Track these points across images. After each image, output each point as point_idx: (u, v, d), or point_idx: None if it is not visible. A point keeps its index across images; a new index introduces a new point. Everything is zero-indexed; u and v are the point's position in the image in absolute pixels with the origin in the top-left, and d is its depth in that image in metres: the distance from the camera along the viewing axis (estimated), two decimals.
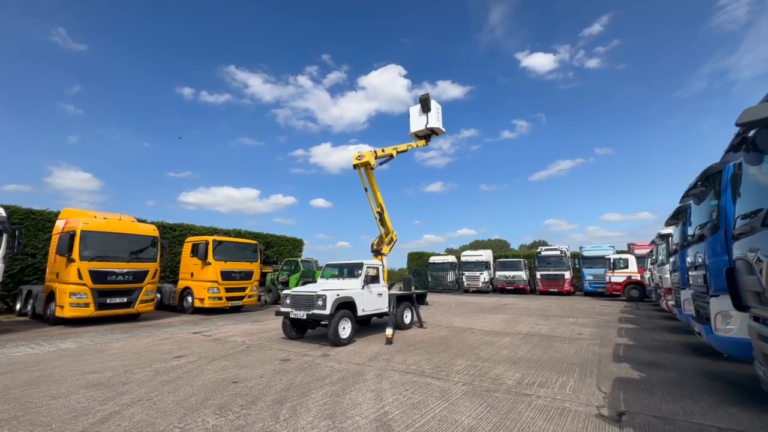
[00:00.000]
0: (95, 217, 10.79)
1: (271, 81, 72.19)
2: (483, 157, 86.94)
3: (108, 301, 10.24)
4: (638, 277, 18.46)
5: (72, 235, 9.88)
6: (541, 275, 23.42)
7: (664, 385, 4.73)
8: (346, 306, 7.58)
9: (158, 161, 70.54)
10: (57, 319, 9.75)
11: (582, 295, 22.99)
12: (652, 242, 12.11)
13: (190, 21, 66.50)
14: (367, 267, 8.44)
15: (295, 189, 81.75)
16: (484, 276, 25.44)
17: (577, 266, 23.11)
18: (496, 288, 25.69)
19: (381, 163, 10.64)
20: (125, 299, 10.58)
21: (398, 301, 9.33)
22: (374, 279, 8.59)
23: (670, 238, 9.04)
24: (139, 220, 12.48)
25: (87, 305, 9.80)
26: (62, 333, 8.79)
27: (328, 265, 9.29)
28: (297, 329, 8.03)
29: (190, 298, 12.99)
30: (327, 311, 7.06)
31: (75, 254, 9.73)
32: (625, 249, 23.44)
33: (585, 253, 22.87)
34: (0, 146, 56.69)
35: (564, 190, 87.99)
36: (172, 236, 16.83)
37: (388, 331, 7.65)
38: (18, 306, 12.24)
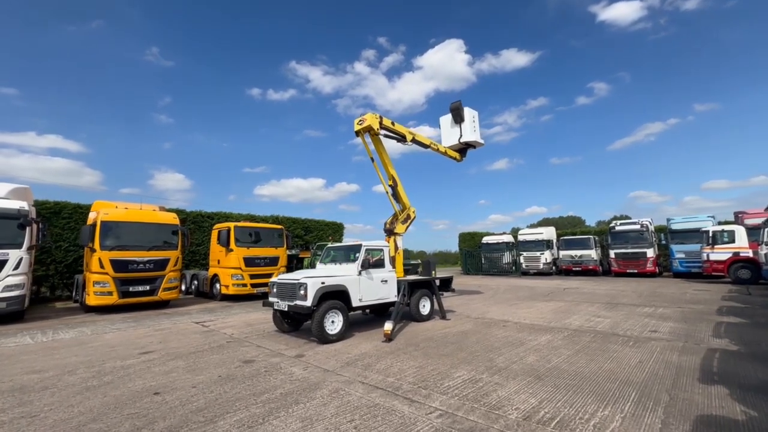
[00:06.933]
0: (116, 207, 10.95)
1: (330, 72, 74.68)
2: (554, 128, 78.42)
3: (131, 289, 10.36)
4: (749, 254, 14.41)
5: (93, 226, 10.06)
6: (615, 254, 19.88)
7: None
8: (336, 296, 6.36)
9: (236, 159, 78.71)
10: (88, 307, 10.11)
11: (671, 276, 19.05)
12: None
13: (251, 24, 72.19)
14: (366, 249, 7.09)
15: (358, 176, 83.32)
16: (546, 256, 22.55)
17: (663, 242, 19.08)
18: (560, 270, 22.65)
19: (386, 136, 9.01)
20: (148, 287, 10.65)
21: (413, 288, 7.89)
22: (377, 263, 7.22)
23: None
24: (164, 209, 12.56)
25: (110, 293, 9.98)
26: (81, 321, 8.96)
27: (328, 248, 8.11)
28: (289, 321, 7.06)
29: (218, 285, 12.94)
30: (308, 302, 5.91)
31: (96, 244, 9.89)
32: (730, 220, 18.78)
33: (674, 226, 18.70)
34: (113, 155, 71.65)
35: (654, 158, 75.69)
36: (210, 224, 17.15)
37: (387, 326, 6.26)
38: (73, 293, 13.26)
